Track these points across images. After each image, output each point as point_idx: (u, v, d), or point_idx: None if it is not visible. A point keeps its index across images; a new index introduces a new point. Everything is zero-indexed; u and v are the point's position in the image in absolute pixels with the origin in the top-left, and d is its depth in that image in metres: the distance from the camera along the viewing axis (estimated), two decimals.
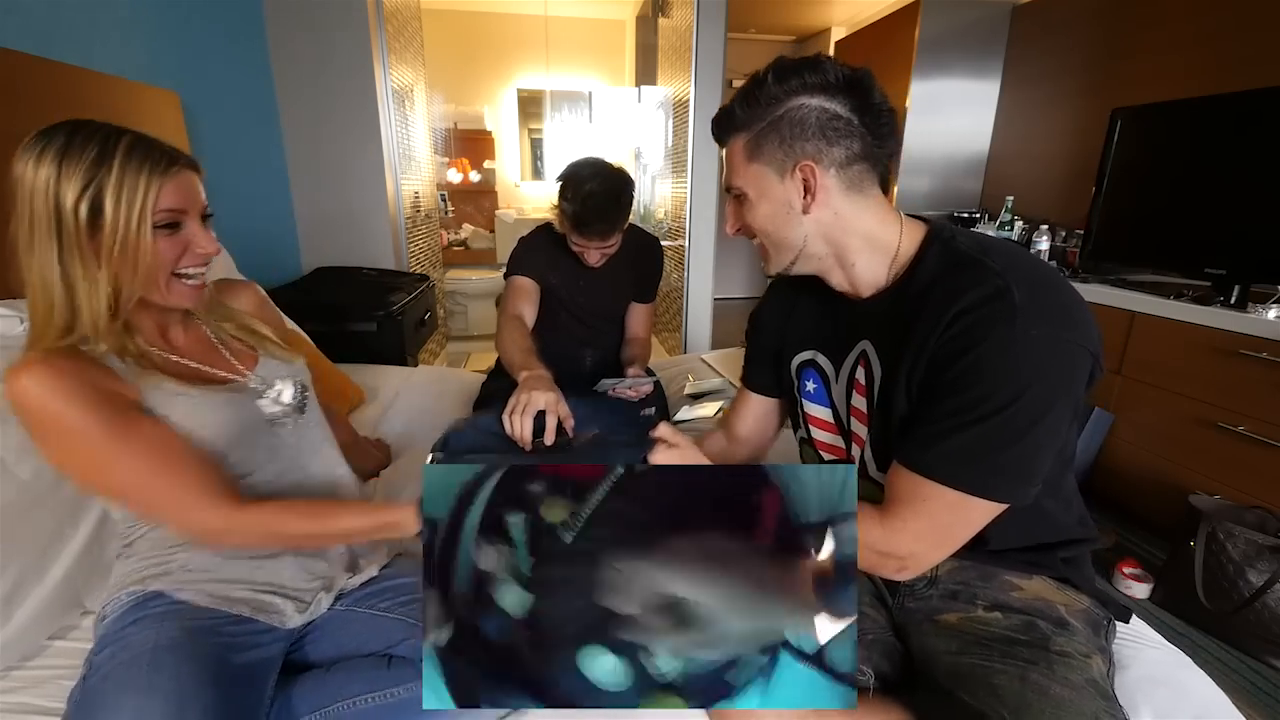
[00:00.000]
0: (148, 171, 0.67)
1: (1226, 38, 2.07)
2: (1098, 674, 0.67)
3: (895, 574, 0.69)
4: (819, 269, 0.75)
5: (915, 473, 0.65)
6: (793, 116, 0.67)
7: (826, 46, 4.38)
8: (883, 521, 0.66)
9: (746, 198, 0.72)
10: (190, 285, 0.75)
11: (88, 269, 0.67)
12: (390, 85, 2.57)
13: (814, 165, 0.67)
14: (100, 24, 1.52)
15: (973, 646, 0.70)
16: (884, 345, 0.73)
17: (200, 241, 0.74)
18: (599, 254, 1.45)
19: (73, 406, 0.65)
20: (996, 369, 0.60)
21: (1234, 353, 1.64)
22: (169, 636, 0.68)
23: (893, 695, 0.73)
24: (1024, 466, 0.63)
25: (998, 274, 0.62)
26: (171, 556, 0.77)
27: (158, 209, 0.68)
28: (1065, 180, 2.70)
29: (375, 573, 0.89)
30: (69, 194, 0.64)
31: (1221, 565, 1.48)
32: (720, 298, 3.33)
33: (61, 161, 0.65)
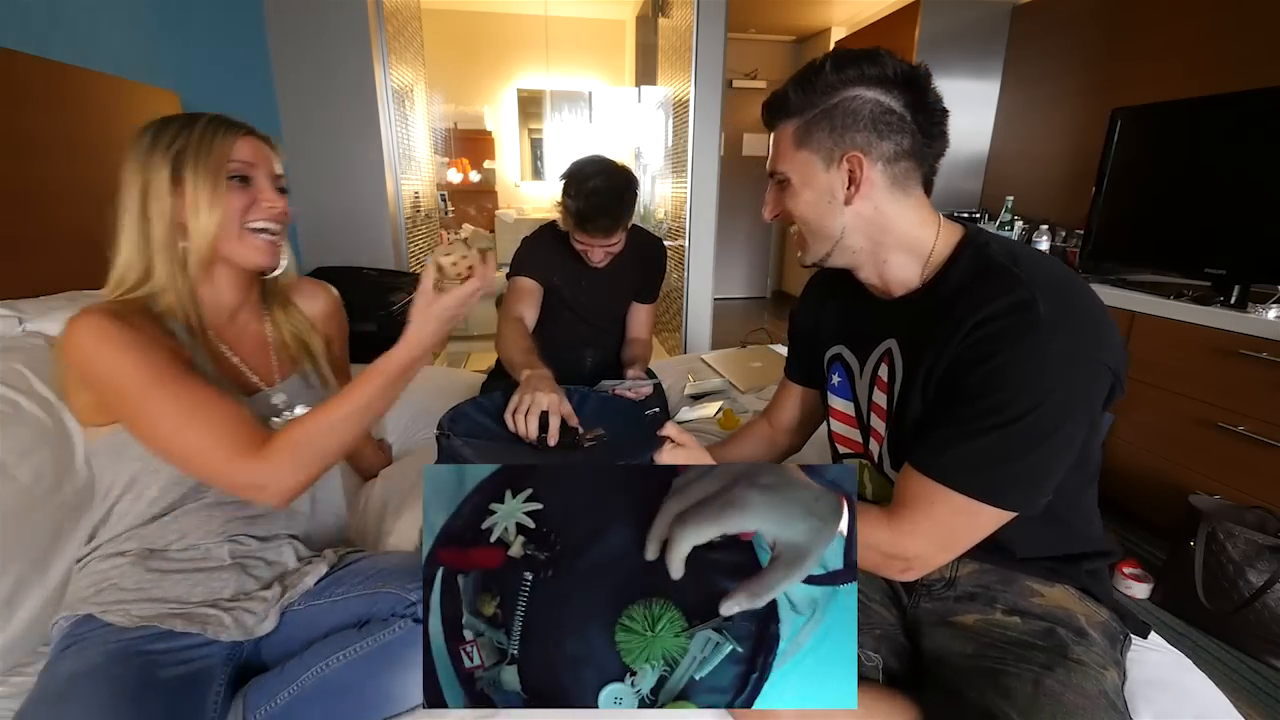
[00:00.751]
0: (223, 132, 0.77)
1: (1226, 38, 2.07)
2: (1111, 687, 0.66)
3: (899, 575, 0.69)
4: (853, 262, 0.75)
5: (927, 476, 0.65)
6: (846, 106, 0.67)
7: (826, 46, 4.38)
8: (890, 523, 0.67)
9: (790, 184, 0.72)
10: (264, 239, 0.80)
11: (168, 227, 0.75)
12: (390, 85, 2.57)
13: (862, 157, 0.67)
14: (100, 24, 1.52)
15: (988, 649, 0.70)
16: (908, 345, 0.73)
17: (268, 195, 0.80)
18: (603, 252, 1.44)
19: (119, 354, 0.69)
20: (1016, 378, 0.60)
21: (1234, 353, 1.64)
22: (88, 663, 0.67)
23: (899, 689, 0.73)
24: (1036, 476, 0.63)
25: (1025, 284, 0.63)
26: (105, 577, 0.75)
27: (230, 159, 0.76)
28: (1065, 180, 2.70)
29: (324, 571, 0.85)
30: (158, 158, 0.74)
31: (1221, 565, 1.48)
32: (720, 298, 3.34)
33: (155, 135, 0.75)
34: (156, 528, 0.78)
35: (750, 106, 5.14)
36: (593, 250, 1.43)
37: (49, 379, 0.75)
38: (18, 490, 0.84)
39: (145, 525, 0.78)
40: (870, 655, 0.75)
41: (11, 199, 1.17)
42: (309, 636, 0.79)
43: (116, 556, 0.77)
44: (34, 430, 0.90)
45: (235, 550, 0.81)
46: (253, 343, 0.87)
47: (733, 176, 4.94)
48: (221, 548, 0.80)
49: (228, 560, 0.80)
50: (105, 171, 1.43)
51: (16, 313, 1.09)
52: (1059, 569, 0.77)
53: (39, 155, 1.24)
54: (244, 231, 0.78)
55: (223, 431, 0.70)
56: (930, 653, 0.76)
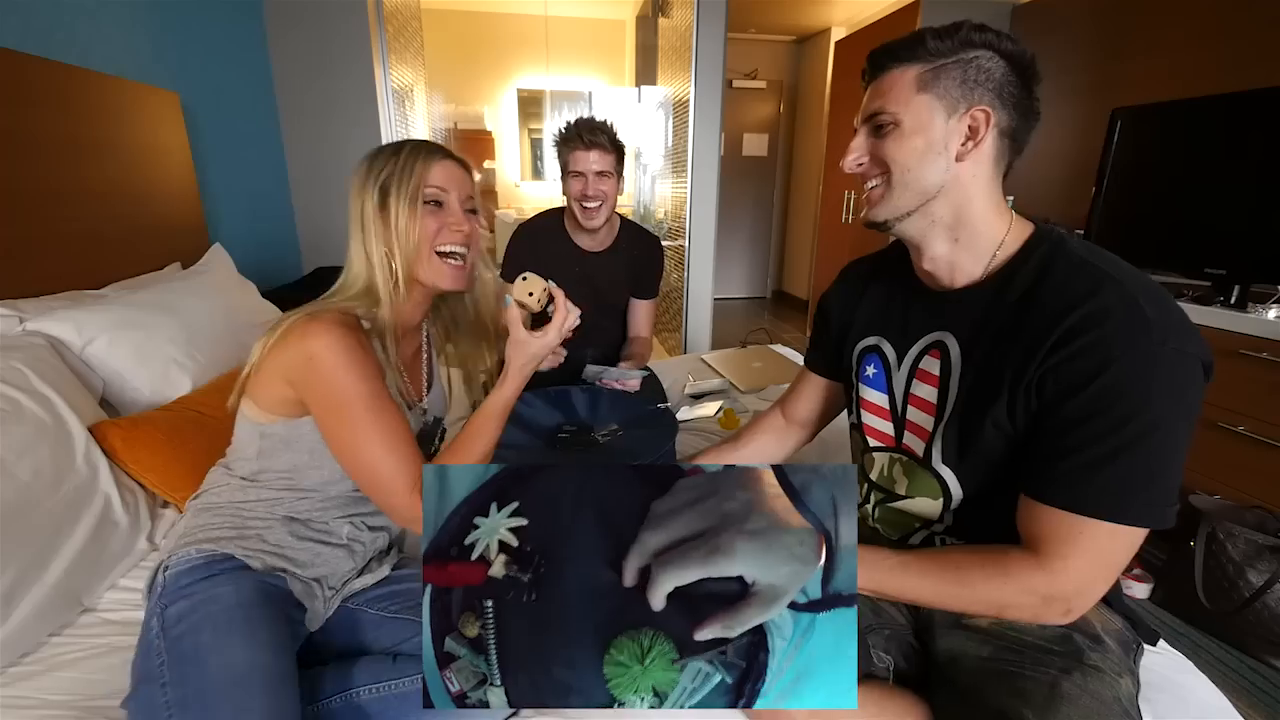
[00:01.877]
0: (423, 157, 0.81)
1: (1226, 38, 2.07)
2: (1125, 695, 0.66)
3: (1061, 618, 0.65)
4: (925, 234, 0.73)
5: (1071, 511, 0.62)
6: (981, 64, 0.67)
7: (826, 46, 4.38)
8: (1041, 564, 0.63)
9: (899, 126, 0.69)
10: (452, 265, 0.84)
11: (380, 248, 0.80)
12: (390, 85, 2.57)
13: (990, 112, 0.67)
14: (100, 24, 1.52)
15: (1004, 652, 0.70)
16: (972, 340, 0.71)
17: (457, 218, 0.83)
18: (596, 186, 1.45)
19: (355, 371, 0.73)
20: (1138, 389, 0.58)
21: (1234, 353, 1.64)
22: (249, 594, 0.71)
23: (910, 689, 0.73)
24: (1173, 488, 0.61)
25: (1119, 282, 0.61)
26: (248, 525, 0.79)
27: (426, 184, 0.80)
28: (1065, 180, 2.70)
29: (387, 573, 0.90)
30: (370, 186, 0.80)
31: (1221, 565, 1.47)
32: (720, 298, 3.33)
33: (370, 162, 0.81)
34: (297, 499, 0.82)
35: (750, 106, 5.14)
36: (588, 182, 1.44)
37: (249, 365, 0.78)
38: (17, 487, 0.84)
39: (288, 491, 0.82)
40: (881, 656, 0.75)
41: (11, 199, 1.18)
42: (350, 639, 0.84)
43: (256, 512, 0.80)
44: (34, 428, 0.90)
45: (350, 532, 0.86)
46: (411, 357, 0.93)
47: (733, 176, 4.94)
48: (342, 526, 0.85)
49: (344, 539, 0.85)
50: (105, 171, 1.44)
51: (17, 312, 1.09)
52: None
53: (39, 155, 1.25)
54: (433, 255, 0.82)
55: (409, 466, 0.76)
56: (943, 654, 0.75)
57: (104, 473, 0.99)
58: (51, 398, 0.96)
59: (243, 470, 0.83)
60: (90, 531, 0.93)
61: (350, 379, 0.73)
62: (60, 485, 0.91)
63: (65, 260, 1.30)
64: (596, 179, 1.45)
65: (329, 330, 0.73)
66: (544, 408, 1.30)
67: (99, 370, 1.14)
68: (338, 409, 0.74)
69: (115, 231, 1.47)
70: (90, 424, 1.01)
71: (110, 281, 1.36)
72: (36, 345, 1.03)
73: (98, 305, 1.18)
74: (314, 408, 0.76)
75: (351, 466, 0.77)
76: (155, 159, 1.64)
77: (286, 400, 0.77)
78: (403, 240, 0.79)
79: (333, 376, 0.73)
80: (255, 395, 0.79)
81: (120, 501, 1.00)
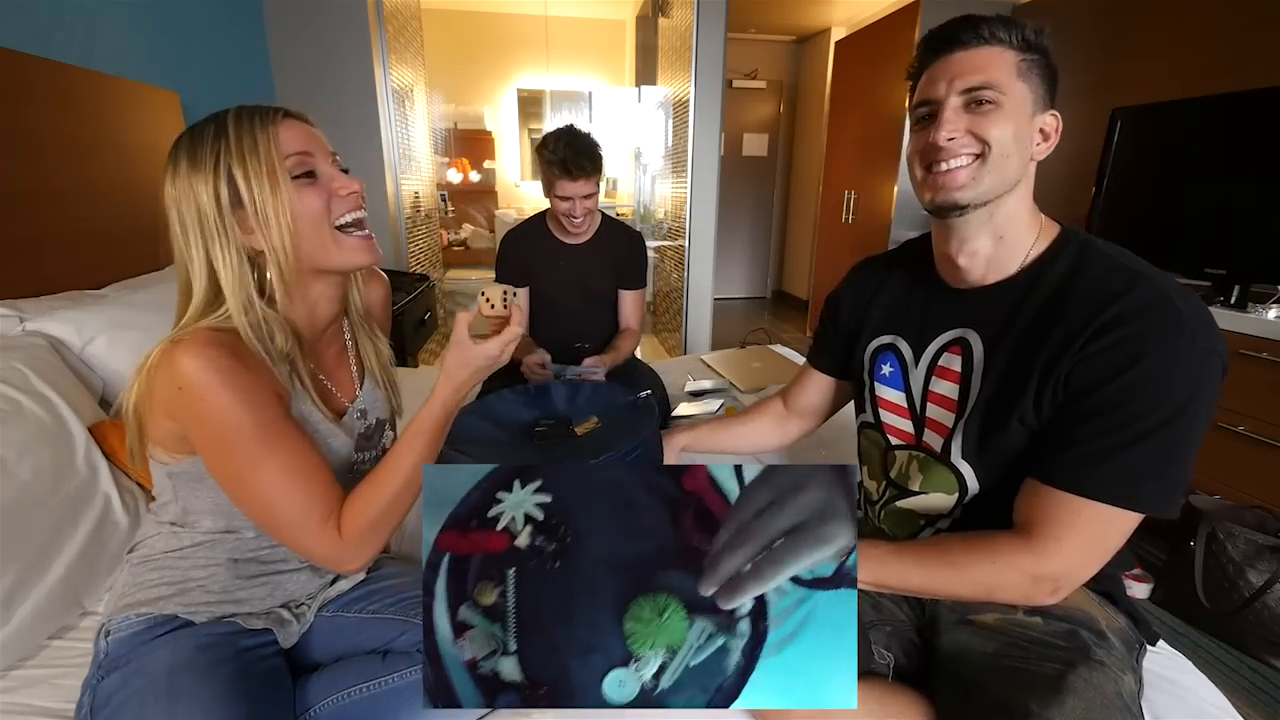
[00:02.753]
0: (259, 124, 0.64)
1: (1226, 38, 2.07)
2: (1128, 692, 0.66)
3: (1047, 598, 0.66)
4: (975, 228, 0.72)
5: (1075, 494, 0.63)
6: (1054, 69, 0.70)
7: (826, 46, 4.38)
8: (1031, 545, 0.65)
9: (1000, 108, 0.68)
10: (360, 236, 0.70)
11: (238, 253, 0.65)
12: (390, 85, 2.57)
13: (1059, 118, 0.70)
14: (100, 24, 1.52)
15: (1010, 648, 0.70)
16: (998, 336, 0.72)
17: (340, 181, 0.69)
18: (582, 207, 1.53)
19: (232, 398, 0.61)
20: (1166, 380, 0.59)
21: (1234, 353, 1.64)
22: (184, 657, 0.65)
23: (910, 684, 0.73)
24: (1183, 480, 0.62)
25: (1151, 279, 0.63)
26: (190, 578, 0.72)
27: (284, 154, 0.64)
28: (1065, 180, 2.70)
29: (361, 577, 0.85)
30: (204, 179, 0.64)
31: (1221, 565, 1.48)
32: (720, 298, 3.33)
33: (191, 154, 0.65)
34: (235, 540, 0.75)
35: (750, 106, 5.14)
36: (575, 205, 1.52)
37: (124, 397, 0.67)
38: (18, 488, 0.84)
39: (224, 534, 0.74)
40: (883, 653, 0.75)
41: (11, 199, 1.18)
42: (333, 646, 0.80)
43: (198, 560, 0.73)
44: (34, 428, 0.90)
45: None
46: (336, 356, 0.80)
47: (733, 176, 4.94)
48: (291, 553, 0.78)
49: (301, 561, 0.79)
50: (105, 171, 1.44)
51: (17, 312, 1.09)
52: None
53: (39, 155, 1.25)
54: (335, 233, 0.68)
55: (315, 500, 0.65)
56: (947, 650, 0.75)
57: (104, 473, 0.99)
58: (51, 398, 0.96)
59: (168, 515, 0.74)
60: (90, 532, 0.93)
61: (228, 405, 0.61)
62: (60, 485, 0.91)
63: (65, 260, 1.30)
64: (582, 201, 1.53)
65: (198, 353, 0.60)
66: (520, 403, 1.30)
67: (99, 370, 1.14)
68: (219, 442, 0.63)
69: (116, 231, 1.47)
70: (90, 424, 1.01)
71: (110, 281, 1.36)
72: (36, 345, 1.03)
73: (98, 305, 1.18)
74: (196, 444, 0.65)
75: (249, 507, 0.66)
76: (155, 159, 1.63)
77: (178, 436, 0.67)
78: (279, 230, 0.64)
79: (207, 406, 0.61)
80: (151, 438, 0.69)
81: (120, 501, 1.00)
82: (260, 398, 0.63)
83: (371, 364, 0.85)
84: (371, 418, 0.83)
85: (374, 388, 0.84)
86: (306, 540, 0.66)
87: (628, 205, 4.49)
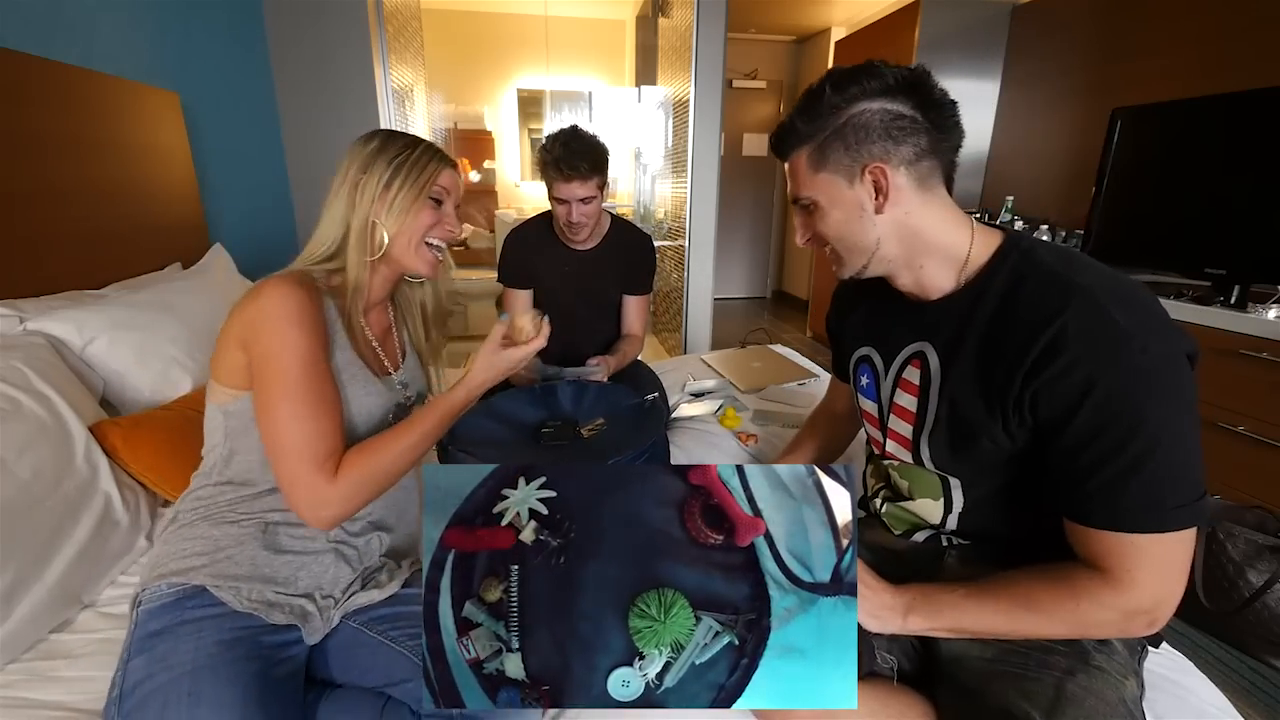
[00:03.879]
0: (438, 159, 0.86)
1: (1226, 38, 2.07)
2: (1130, 697, 0.66)
3: (1145, 629, 0.64)
4: (889, 271, 0.75)
5: (1115, 531, 0.62)
6: (855, 122, 0.67)
7: (826, 46, 4.38)
8: (1112, 584, 0.62)
9: (818, 206, 0.72)
10: (435, 255, 0.88)
11: (365, 220, 0.82)
12: (390, 85, 2.57)
13: (883, 166, 0.67)
14: (100, 24, 1.52)
15: (1009, 654, 0.70)
16: (950, 351, 0.72)
17: (450, 220, 0.89)
18: (580, 214, 1.46)
19: (294, 329, 0.73)
20: (1129, 402, 0.59)
21: (1234, 353, 1.64)
22: (207, 654, 0.68)
23: (912, 687, 0.73)
24: (1195, 481, 0.61)
25: (1089, 291, 0.61)
26: (218, 544, 0.77)
27: (435, 182, 0.85)
28: (1065, 180, 2.70)
29: (396, 590, 0.85)
30: (380, 161, 0.82)
31: (1221, 565, 1.47)
32: (720, 298, 3.34)
33: (384, 142, 0.84)
34: (275, 498, 0.79)
35: (750, 106, 5.14)
36: (572, 209, 1.45)
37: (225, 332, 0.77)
38: (17, 486, 0.85)
39: (266, 495, 0.79)
40: (885, 656, 0.75)
41: (11, 199, 1.18)
42: (347, 665, 0.80)
43: (231, 525, 0.78)
44: (34, 427, 0.91)
45: (335, 533, 0.83)
46: (383, 329, 0.93)
47: (733, 176, 4.94)
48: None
49: (327, 542, 0.82)
50: (105, 171, 1.44)
51: (17, 312, 1.09)
52: None
53: (39, 155, 1.25)
54: (421, 245, 0.86)
55: (321, 436, 0.73)
56: (948, 654, 0.75)
57: (104, 472, 0.99)
58: (52, 397, 0.96)
59: (216, 468, 0.80)
60: (90, 530, 0.93)
61: (289, 332, 0.73)
62: (60, 484, 0.91)
63: (65, 260, 1.30)
64: (579, 205, 1.45)
65: (281, 285, 0.74)
66: (527, 404, 1.29)
67: (99, 370, 1.14)
68: (268, 361, 0.73)
69: (116, 231, 1.47)
70: (90, 423, 1.01)
71: (110, 281, 1.36)
72: (37, 345, 1.03)
73: (98, 305, 1.18)
74: (253, 365, 0.74)
75: (265, 428, 0.74)
76: (155, 159, 1.64)
77: (241, 369, 0.76)
78: (395, 220, 0.82)
79: (274, 327, 0.72)
80: (218, 371, 0.79)
81: (120, 500, 1.00)
82: (314, 340, 0.75)
83: (417, 343, 1.00)
84: (413, 390, 0.95)
85: (416, 365, 0.99)
86: (300, 469, 0.72)
87: (628, 205, 4.49)
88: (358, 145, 0.84)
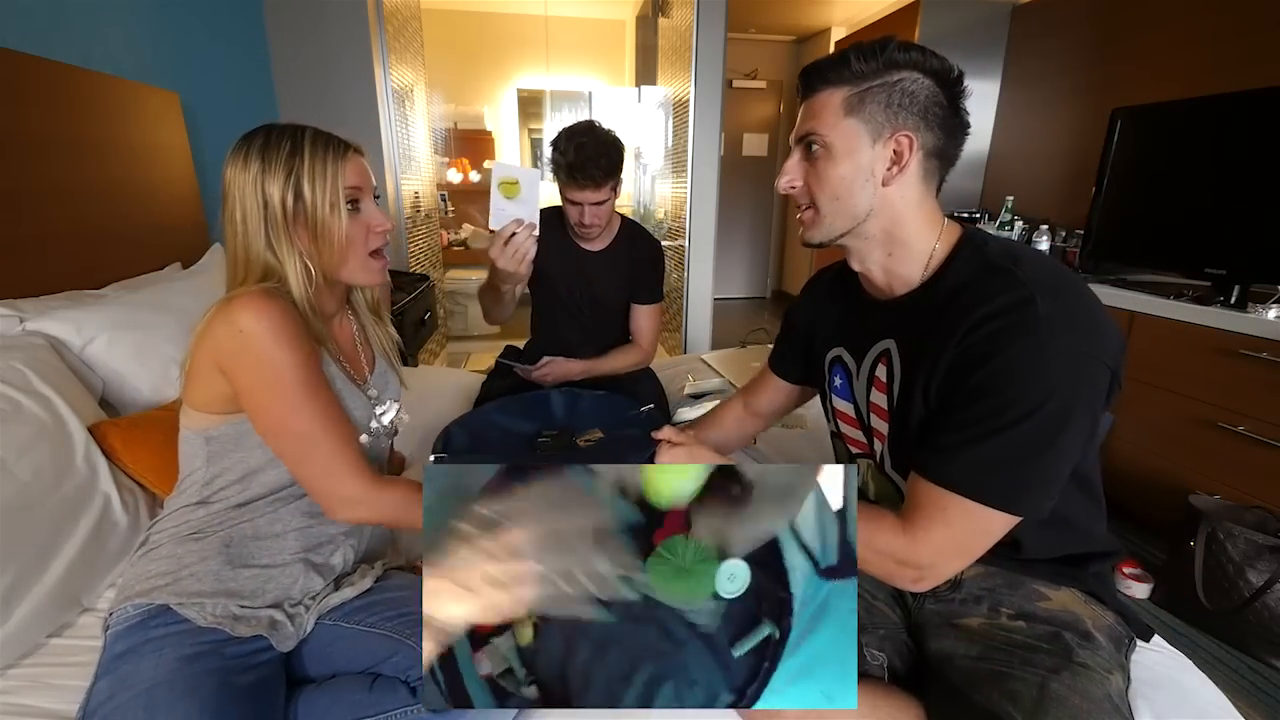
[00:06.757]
0: (333, 155, 0.76)
1: (1225, 38, 2.07)
2: (1115, 691, 0.66)
3: (911, 584, 0.68)
4: (861, 250, 0.74)
5: (937, 484, 0.64)
6: (906, 87, 0.67)
7: (826, 46, 4.38)
8: (905, 530, 0.66)
9: (829, 152, 0.69)
10: (382, 261, 0.83)
11: (291, 248, 0.76)
12: (390, 85, 2.57)
13: (913, 137, 0.67)
14: (100, 24, 1.52)
15: (994, 652, 0.70)
16: (906, 345, 0.73)
17: (376, 219, 0.81)
18: (594, 214, 1.44)
19: (285, 346, 0.70)
20: (1017, 379, 0.60)
21: (1234, 353, 1.64)
22: (167, 670, 0.67)
23: (904, 688, 0.73)
24: (1045, 479, 0.62)
25: (1024, 283, 0.62)
26: (182, 563, 0.75)
27: (344, 185, 0.76)
28: (1065, 180, 2.69)
29: (369, 585, 0.85)
30: (274, 186, 0.73)
31: (1221, 565, 1.47)
32: (720, 298, 3.33)
33: (263, 158, 0.74)
34: (246, 512, 0.79)
35: (750, 106, 5.14)
36: (584, 212, 1.43)
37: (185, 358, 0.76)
38: (17, 487, 0.84)
39: (237, 509, 0.79)
40: (875, 655, 0.75)
41: (11, 199, 1.18)
42: (328, 659, 0.79)
43: (194, 542, 0.77)
44: (34, 428, 0.90)
45: (304, 543, 0.82)
46: (347, 342, 0.90)
47: (733, 176, 4.94)
48: (289, 539, 0.81)
49: (295, 553, 0.80)
50: (105, 171, 1.44)
51: (17, 312, 1.09)
52: (1065, 572, 0.77)
53: (39, 155, 1.25)
54: (367, 259, 0.81)
55: (349, 445, 0.75)
56: (935, 654, 0.75)
57: (104, 472, 0.99)
58: (51, 398, 0.96)
59: (193, 491, 0.79)
60: (90, 531, 0.93)
61: (282, 350, 0.70)
62: (60, 485, 0.91)
63: (65, 260, 1.30)
64: (591, 209, 1.43)
65: (257, 306, 0.70)
66: (520, 415, 1.29)
67: (99, 370, 1.14)
68: (269, 384, 0.70)
69: (115, 231, 1.46)
70: (90, 424, 1.01)
71: (110, 281, 1.36)
72: (36, 345, 1.03)
73: (98, 305, 1.18)
74: (244, 386, 0.72)
75: (290, 444, 0.73)
76: (155, 159, 1.64)
77: (224, 395, 0.74)
78: (328, 246, 0.76)
79: (264, 348, 0.69)
80: (192, 398, 0.76)
81: (120, 501, 1.00)
82: (305, 352, 0.73)
83: (382, 348, 0.96)
84: (385, 398, 0.92)
85: (386, 369, 0.95)
86: (342, 468, 0.74)
87: (628, 205, 4.49)
88: (236, 170, 0.75)
